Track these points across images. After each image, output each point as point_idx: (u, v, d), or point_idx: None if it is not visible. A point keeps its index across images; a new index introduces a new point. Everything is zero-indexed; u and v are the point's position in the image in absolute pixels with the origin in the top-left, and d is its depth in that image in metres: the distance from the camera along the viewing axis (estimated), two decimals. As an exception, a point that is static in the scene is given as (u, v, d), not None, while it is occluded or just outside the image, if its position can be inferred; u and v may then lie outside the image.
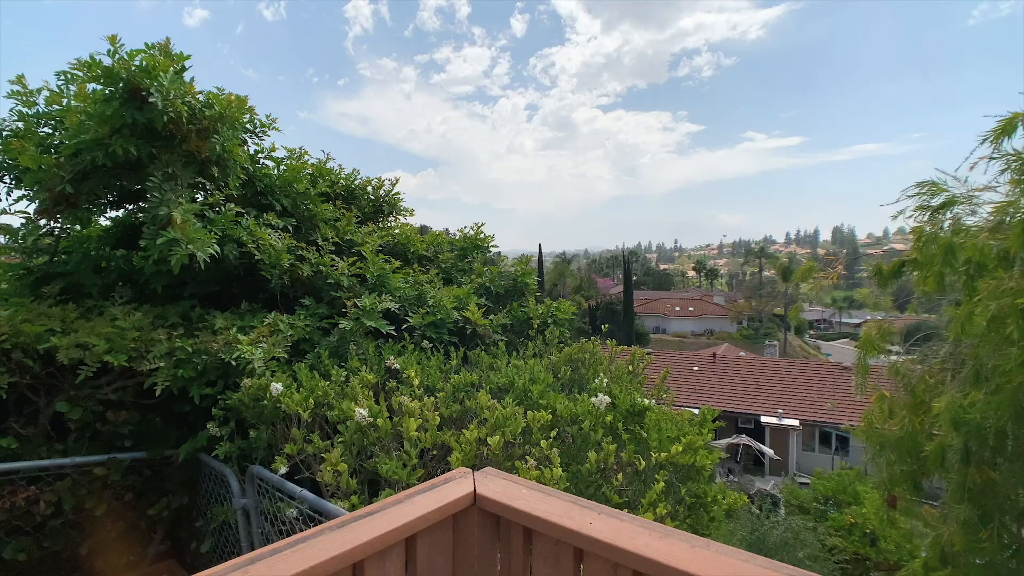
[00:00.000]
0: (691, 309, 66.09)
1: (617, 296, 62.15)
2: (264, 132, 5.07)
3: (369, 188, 6.18)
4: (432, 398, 3.46)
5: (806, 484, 18.87)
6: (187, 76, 3.89)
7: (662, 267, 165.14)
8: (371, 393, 3.39)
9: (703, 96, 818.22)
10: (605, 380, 3.91)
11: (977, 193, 3.33)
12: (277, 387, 3.22)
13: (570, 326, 5.43)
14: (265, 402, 3.35)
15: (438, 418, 2.86)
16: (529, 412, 3.24)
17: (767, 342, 45.07)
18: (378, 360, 3.98)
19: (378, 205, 6.16)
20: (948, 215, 3.33)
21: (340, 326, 4.19)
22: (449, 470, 1.96)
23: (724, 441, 21.81)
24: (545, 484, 2.78)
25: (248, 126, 4.95)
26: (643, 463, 3.16)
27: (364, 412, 2.85)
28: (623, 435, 3.40)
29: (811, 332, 70.32)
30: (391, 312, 4.76)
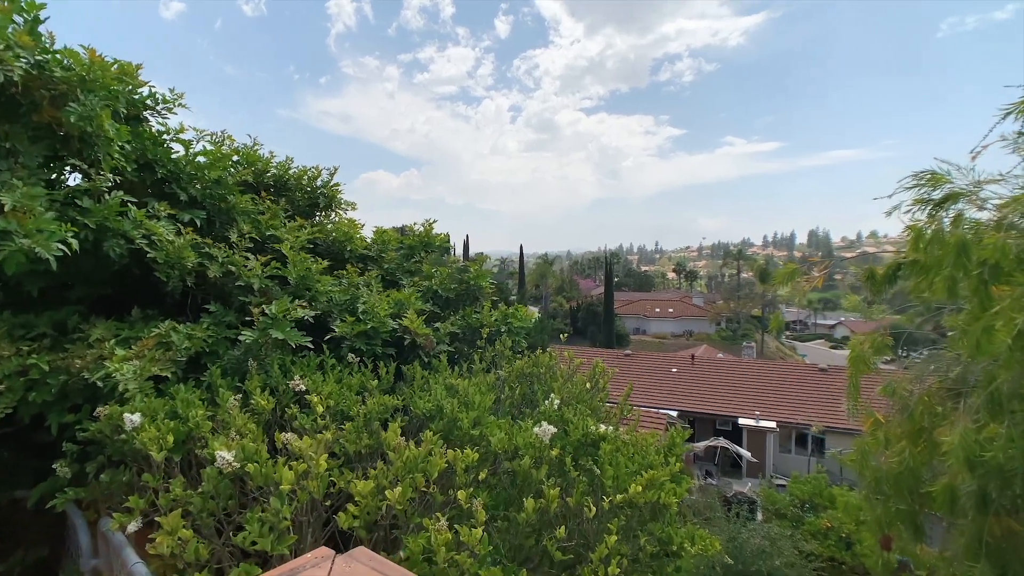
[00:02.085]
0: (671, 310, 66.25)
1: (599, 297, 61.93)
2: (168, 109, 4.35)
3: (304, 179, 5.48)
4: (340, 429, 2.81)
5: (783, 486, 18.68)
6: (79, 44, 3.17)
7: (643, 269, 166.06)
8: (257, 425, 2.73)
9: (684, 101, 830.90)
10: (556, 401, 3.30)
11: (983, 186, 2.80)
12: (132, 418, 2.53)
13: (527, 335, 4.82)
14: (124, 436, 2.66)
15: (324, 463, 2.22)
16: (460, 448, 2.62)
17: (745, 343, 45.16)
18: (283, 379, 3.31)
19: (314, 198, 5.47)
20: (950, 211, 2.80)
21: (241, 338, 3.52)
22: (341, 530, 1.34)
23: (702, 444, 21.63)
24: (463, 544, 2.16)
25: (148, 101, 4.23)
26: (593, 510, 2.56)
27: (228, 455, 2.20)
28: (572, 472, 2.80)
29: (787, 333, 71.07)
30: (315, 320, 4.09)
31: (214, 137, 5.12)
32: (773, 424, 22.34)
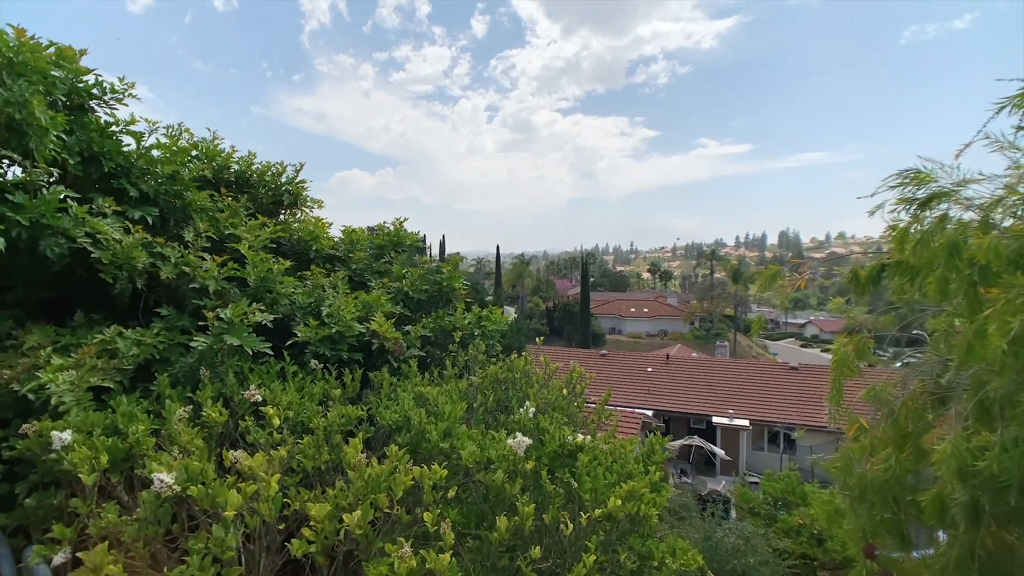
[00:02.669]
0: (646, 310, 66.94)
1: (575, 297, 62.19)
2: (118, 99, 4.05)
3: (268, 175, 5.20)
4: (298, 443, 2.60)
5: (756, 483, 18.94)
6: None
7: (619, 269, 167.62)
8: (209, 440, 2.50)
9: (659, 103, 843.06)
10: (532, 409, 3.14)
11: (968, 185, 2.74)
12: (62, 436, 2.28)
13: (502, 338, 4.65)
14: (53, 455, 2.41)
15: (276, 484, 2.02)
16: (428, 463, 2.44)
17: (718, 342, 45.88)
18: (239, 389, 3.08)
19: (278, 195, 5.20)
20: (934, 211, 2.74)
21: (193, 345, 3.27)
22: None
23: (677, 443, 21.84)
24: (431, 571, 1.98)
25: (95, 90, 3.93)
26: (570, 527, 2.41)
27: (166, 477, 1.97)
28: (548, 486, 2.64)
29: (759, 332, 72.44)
30: (277, 324, 3.86)
31: (170, 130, 4.82)
32: (746, 422, 22.68)
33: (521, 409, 3.13)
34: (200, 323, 3.58)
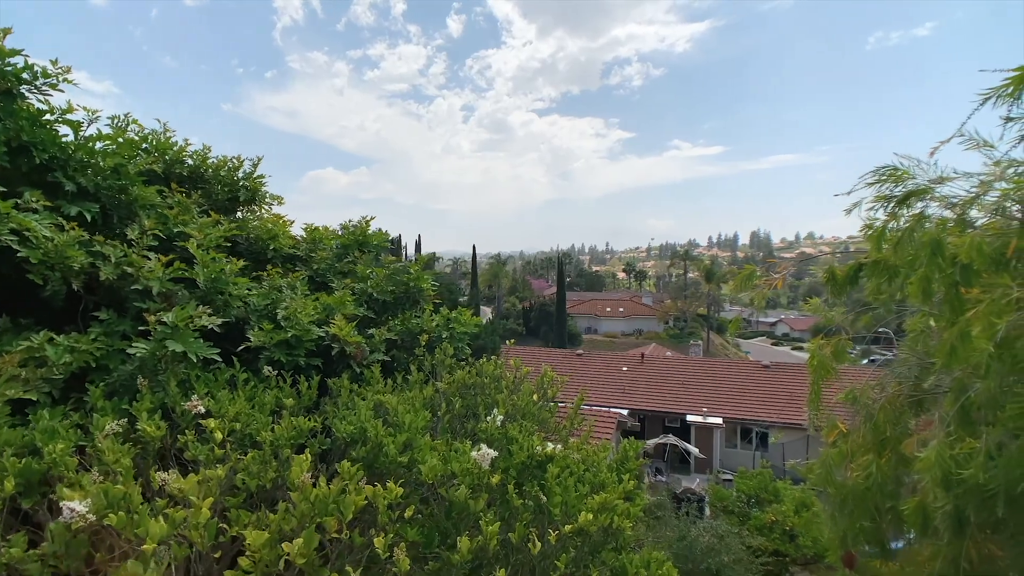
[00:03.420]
0: (621, 310, 67.46)
1: (551, 297, 62.27)
2: (52, 85, 3.74)
3: (223, 171, 4.91)
4: (241, 459, 2.38)
5: (729, 481, 19.15)
6: None
7: (594, 269, 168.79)
8: (145, 458, 2.26)
9: (633, 104, 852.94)
10: (499, 417, 2.97)
11: (944, 182, 2.67)
12: (-36, 459, 2.02)
13: (474, 340, 4.47)
14: (-43, 480, 2.13)
15: (207, 510, 1.80)
16: (384, 479, 2.24)
17: (692, 341, 46.44)
18: (181, 400, 2.83)
19: (235, 191, 4.91)
20: (915, 208, 2.65)
21: (130, 351, 3.00)
22: None
23: (652, 441, 22.00)
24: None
25: (24, 75, 3.62)
26: (538, 545, 2.24)
27: (77, 505, 1.74)
28: (515, 500, 2.47)
29: (735, 333, 73.73)
30: (230, 328, 3.61)
31: (116, 120, 4.50)
32: (719, 420, 22.95)
33: (488, 417, 2.96)
34: (143, 328, 3.31)
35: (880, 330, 3.79)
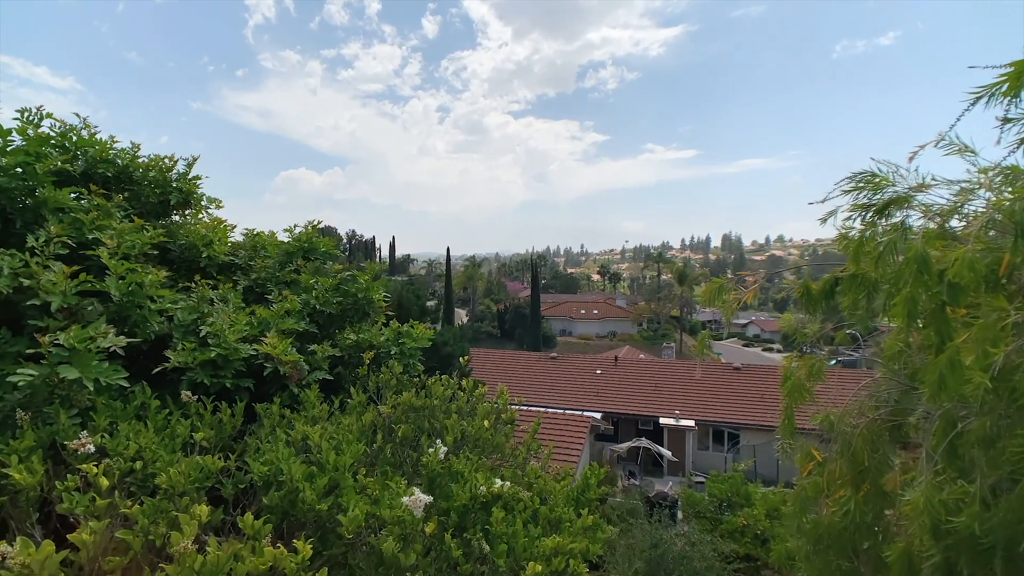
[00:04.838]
0: (596, 312, 67.74)
1: (526, 299, 62.11)
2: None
3: (153, 171, 4.47)
4: (139, 505, 2.02)
5: (701, 483, 19.18)
6: None
7: (569, 271, 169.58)
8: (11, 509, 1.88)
9: (608, 108, 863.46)
10: (443, 450, 2.66)
11: (924, 189, 2.47)
12: None
13: (422, 358, 4.14)
14: None
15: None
16: (308, 529, 1.90)
17: (665, 343, 46.80)
18: (74, 435, 2.44)
19: (166, 194, 4.48)
20: (895, 217, 2.45)
21: (11, 379, 2.59)
22: None
23: (625, 445, 21.98)
24: None
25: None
26: (477, 607, 1.94)
27: None
28: (454, 551, 2.16)
29: (703, 332, 74.77)
30: (151, 346, 3.22)
31: (26, 114, 4.04)
32: (692, 423, 23.00)
33: (431, 449, 2.64)
34: (36, 351, 2.90)
35: (848, 332, 3.61)
